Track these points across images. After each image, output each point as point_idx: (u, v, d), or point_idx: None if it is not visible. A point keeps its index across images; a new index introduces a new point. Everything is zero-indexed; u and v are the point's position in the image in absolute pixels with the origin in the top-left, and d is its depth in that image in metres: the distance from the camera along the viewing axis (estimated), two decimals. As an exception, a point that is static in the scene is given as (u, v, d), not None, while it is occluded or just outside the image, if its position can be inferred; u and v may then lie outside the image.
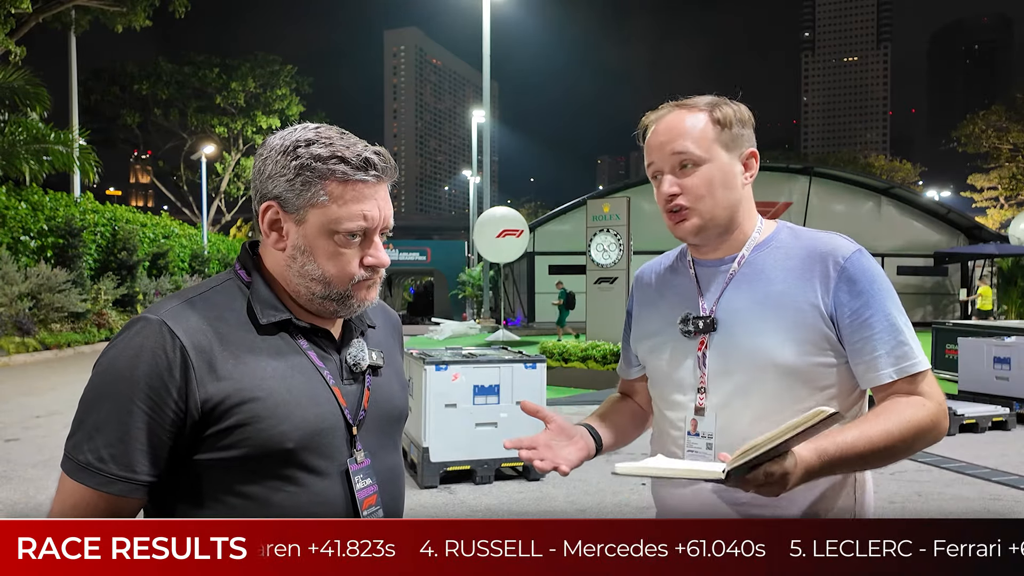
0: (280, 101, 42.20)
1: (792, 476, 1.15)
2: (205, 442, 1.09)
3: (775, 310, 1.34)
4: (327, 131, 1.17)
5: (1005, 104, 43.39)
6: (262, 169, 1.17)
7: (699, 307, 1.42)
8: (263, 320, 1.15)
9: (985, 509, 4.96)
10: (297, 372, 1.15)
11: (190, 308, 1.13)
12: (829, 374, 1.33)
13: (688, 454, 1.39)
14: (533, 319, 21.88)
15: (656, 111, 1.44)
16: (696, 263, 1.47)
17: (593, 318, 10.80)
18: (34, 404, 9.20)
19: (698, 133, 1.37)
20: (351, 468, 1.16)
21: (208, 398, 1.08)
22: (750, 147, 1.42)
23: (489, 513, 4.81)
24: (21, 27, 20.90)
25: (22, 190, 17.90)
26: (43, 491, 5.47)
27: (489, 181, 24.64)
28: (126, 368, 1.07)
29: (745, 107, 1.44)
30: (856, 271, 1.32)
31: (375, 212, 1.16)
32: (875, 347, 1.30)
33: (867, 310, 1.31)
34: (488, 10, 20.91)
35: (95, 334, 16.47)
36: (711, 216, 1.39)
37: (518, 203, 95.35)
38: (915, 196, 25.55)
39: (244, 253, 1.23)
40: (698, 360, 1.39)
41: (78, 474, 1.07)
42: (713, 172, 1.37)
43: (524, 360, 5.77)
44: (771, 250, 1.40)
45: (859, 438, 1.22)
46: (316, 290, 1.17)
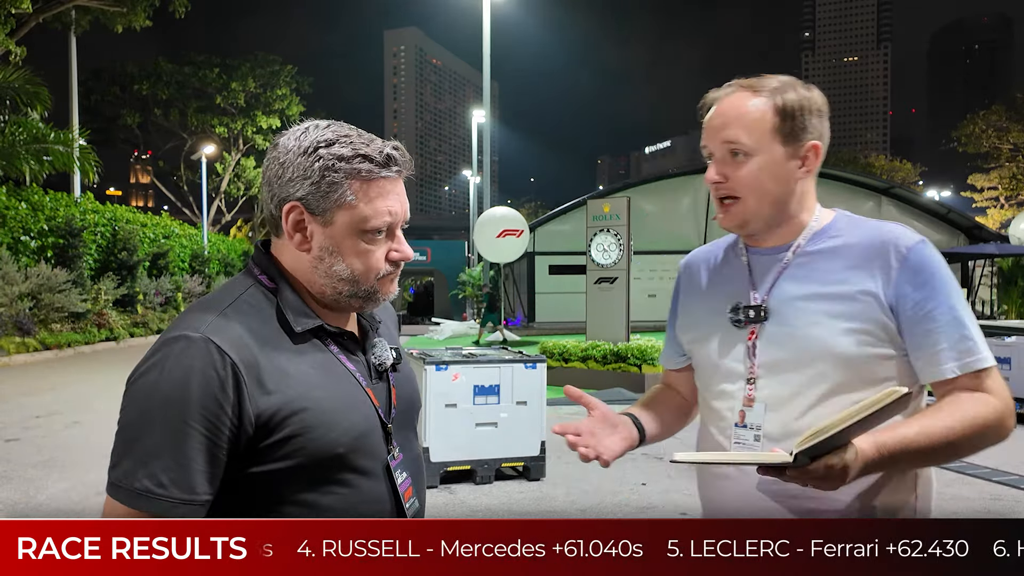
0: (280, 101, 42.18)
1: (852, 469, 1.11)
2: (259, 455, 1.08)
3: (831, 300, 1.29)
4: (343, 129, 1.17)
5: (1005, 104, 43.38)
6: (280, 172, 1.15)
7: (750, 296, 1.37)
8: (298, 328, 1.15)
9: (985, 509, 4.95)
10: (336, 378, 1.16)
11: (227, 321, 1.10)
12: (887, 367, 1.28)
13: (735, 446, 1.34)
14: (533, 319, 21.89)
15: (720, 89, 1.38)
16: (749, 251, 1.42)
17: (593, 318, 10.79)
18: (34, 404, 9.19)
19: (753, 121, 1.32)
20: (391, 464, 1.19)
21: (260, 412, 1.07)
22: (814, 138, 1.34)
23: (489, 513, 4.81)
24: (21, 27, 20.90)
25: (22, 190, 17.90)
26: (43, 491, 5.47)
27: (489, 181, 24.64)
28: (176, 390, 1.04)
29: (819, 93, 1.36)
30: (919, 261, 1.27)
31: (398, 207, 1.18)
32: (938, 340, 1.25)
33: (930, 302, 1.26)
34: (488, 10, 20.90)
35: (95, 334, 16.47)
36: (756, 210, 1.34)
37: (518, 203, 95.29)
38: (915, 196, 25.56)
39: (260, 255, 1.21)
40: (748, 350, 1.35)
41: (136, 502, 1.03)
42: (762, 165, 1.32)
43: (524, 360, 5.76)
44: (829, 239, 1.35)
45: (920, 433, 1.18)
46: (343, 289, 1.18)
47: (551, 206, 50.12)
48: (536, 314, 21.92)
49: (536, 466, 5.67)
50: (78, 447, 6.92)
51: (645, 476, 5.66)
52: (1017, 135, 41.55)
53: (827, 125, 1.37)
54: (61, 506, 5.13)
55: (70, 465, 6.23)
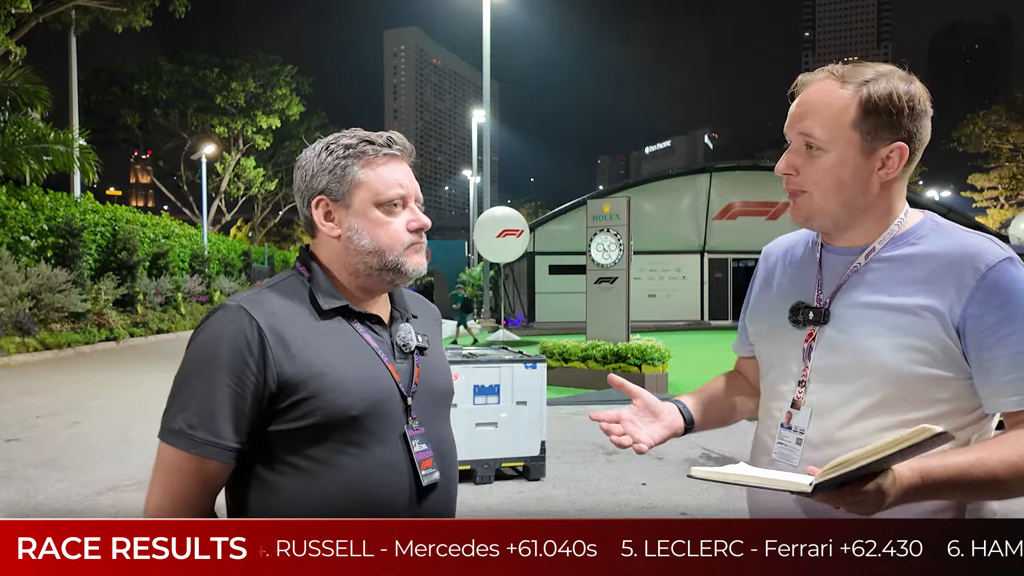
0: (280, 101, 42.19)
1: (889, 496, 1.04)
2: (280, 414, 1.22)
3: (893, 312, 1.22)
4: (351, 130, 1.37)
5: (1005, 104, 43.36)
6: (304, 175, 1.34)
7: (814, 297, 1.32)
8: (325, 306, 1.30)
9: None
10: (356, 351, 1.30)
11: (263, 297, 1.29)
12: (942, 389, 1.20)
13: (777, 446, 1.32)
14: (533, 319, 21.88)
15: (811, 74, 1.30)
16: (824, 248, 1.35)
17: (593, 318, 10.79)
18: (34, 404, 9.19)
19: (834, 115, 1.23)
20: (408, 433, 1.30)
21: (282, 373, 1.22)
22: (901, 139, 1.22)
23: (489, 513, 4.81)
24: (21, 27, 20.89)
25: (22, 190, 17.88)
26: (43, 491, 5.47)
27: (489, 181, 24.61)
28: (211, 348, 1.22)
29: (919, 87, 1.24)
30: (999, 281, 1.17)
31: (407, 181, 1.34)
32: (1007, 369, 1.16)
33: (1006, 327, 1.16)
34: (488, 10, 20.88)
35: (95, 334, 16.45)
36: (822, 208, 1.27)
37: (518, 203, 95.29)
38: (915, 196, 25.53)
39: (303, 253, 1.39)
40: (804, 352, 1.30)
41: (171, 439, 1.21)
42: (833, 164, 1.24)
43: (524, 360, 5.76)
44: (907, 246, 1.26)
45: (975, 464, 1.10)
46: (372, 262, 1.32)
47: (551, 206, 50.12)
48: (536, 314, 21.90)
49: (536, 466, 5.67)
50: (78, 447, 6.92)
51: (645, 476, 5.66)
52: (1017, 135, 41.54)
53: (925, 125, 1.25)
54: (61, 506, 5.13)
55: (70, 465, 6.23)
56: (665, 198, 21.51)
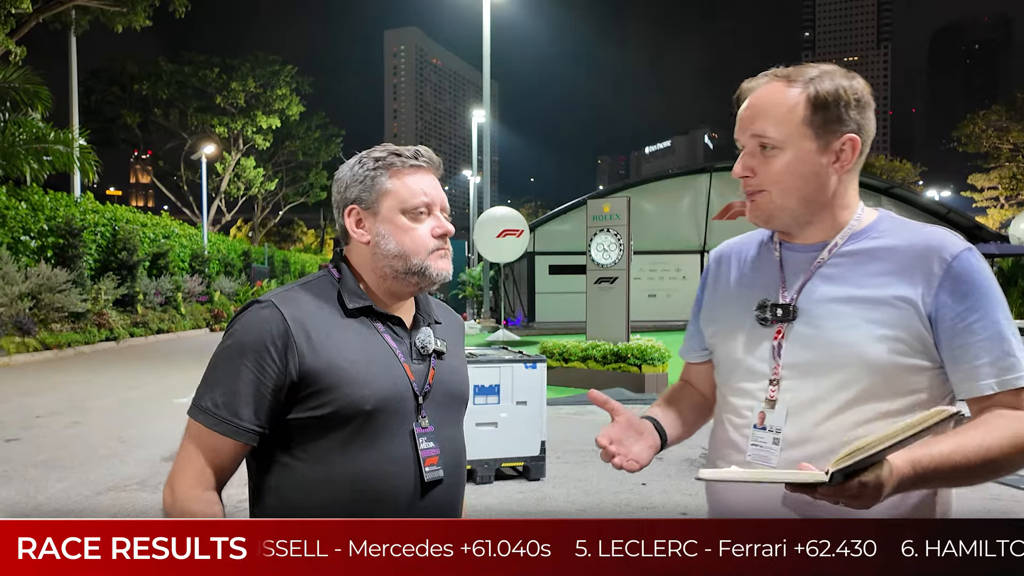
0: (280, 101, 42.20)
1: (886, 488, 1.05)
2: (299, 402, 1.31)
3: (866, 304, 1.23)
4: (383, 144, 1.46)
5: (1005, 104, 43.40)
6: (339, 188, 1.45)
7: (779, 294, 1.33)
8: (350, 305, 1.39)
9: (985, 509, 4.95)
10: (375, 349, 1.38)
11: (292, 294, 1.39)
12: (919, 379, 1.23)
13: (752, 447, 1.31)
14: (533, 319, 21.87)
15: (755, 79, 1.33)
16: (783, 247, 1.37)
17: (593, 318, 10.79)
18: (34, 404, 9.18)
19: (783, 114, 1.26)
20: (416, 430, 1.37)
21: (304, 364, 1.31)
22: (851, 131, 1.26)
23: (489, 513, 4.81)
24: (21, 27, 20.88)
25: (22, 190, 17.88)
26: (43, 491, 5.47)
27: (489, 181, 24.62)
28: (240, 338, 1.33)
29: (861, 83, 1.29)
30: (964, 271, 1.21)
31: (432, 190, 1.42)
32: (977, 355, 1.20)
33: (973, 314, 1.20)
34: (488, 10, 20.89)
35: (95, 334, 16.45)
36: (781, 206, 1.29)
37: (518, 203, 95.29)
38: (915, 196, 25.52)
39: (335, 256, 1.49)
40: (773, 350, 1.30)
41: (197, 414, 1.32)
42: (791, 160, 1.27)
43: (524, 360, 5.76)
44: (868, 240, 1.29)
45: (955, 451, 1.12)
46: (398, 266, 1.40)
47: (551, 206, 50.12)
48: (536, 314, 21.90)
49: (536, 466, 5.67)
50: (78, 447, 6.91)
51: (645, 476, 5.66)
52: (1017, 135, 41.55)
53: (870, 117, 1.29)
54: (61, 506, 5.13)
55: (70, 465, 6.23)
56: (665, 198, 21.52)
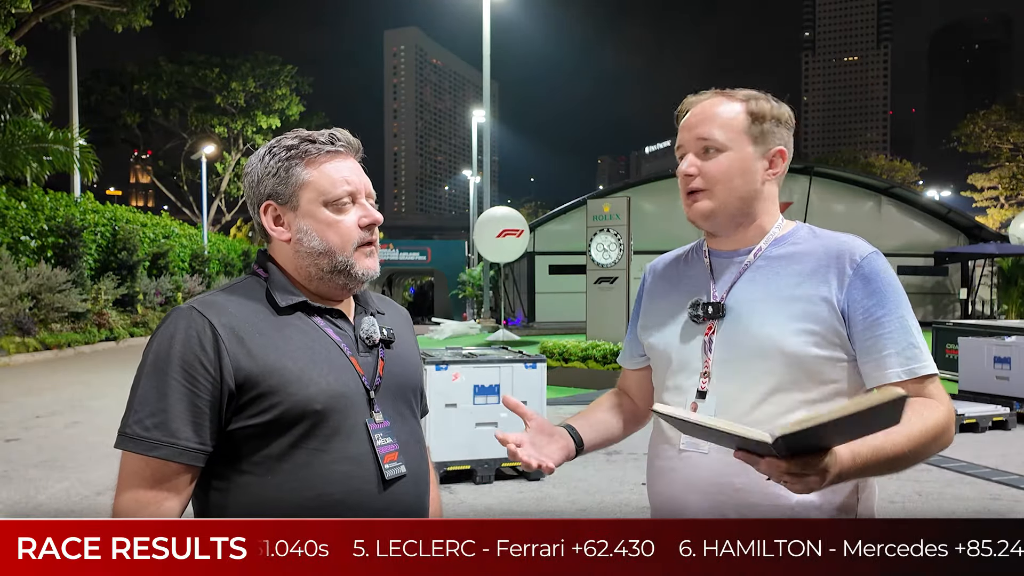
0: (280, 101, 42.18)
1: (829, 474, 1.10)
2: (242, 410, 1.21)
3: (787, 302, 1.35)
4: (293, 131, 1.35)
5: (1005, 104, 43.39)
6: (250, 182, 1.33)
7: (710, 294, 1.43)
8: (282, 303, 1.28)
9: (985, 509, 4.95)
10: (317, 344, 1.27)
11: (216, 298, 1.28)
12: (836, 370, 1.33)
13: (685, 438, 1.37)
14: (533, 319, 21.88)
15: (697, 95, 1.46)
16: (711, 253, 1.49)
17: (593, 318, 10.79)
18: (34, 404, 9.19)
19: (727, 121, 1.40)
20: (370, 427, 1.28)
21: (240, 368, 1.20)
22: (780, 145, 1.43)
23: (489, 513, 4.81)
24: (21, 27, 20.88)
25: (22, 190, 17.89)
26: (43, 491, 5.47)
27: (489, 181, 24.60)
28: (163, 350, 1.20)
29: (787, 108, 1.46)
30: (872, 270, 1.34)
31: (354, 177, 1.31)
32: (885, 345, 1.31)
33: (880, 309, 1.32)
34: (488, 10, 20.89)
35: (95, 334, 16.46)
36: (723, 202, 1.40)
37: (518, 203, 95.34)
38: (915, 196, 25.53)
39: (259, 255, 1.37)
40: (704, 345, 1.40)
41: (125, 444, 1.18)
42: (733, 160, 1.39)
43: (524, 360, 5.76)
44: (788, 245, 1.42)
45: (886, 441, 1.17)
46: (323, 264, 1.29)
47: (551, 206, 50.12)
48: (536, 314, 21.90)
49: (536, 466, 5.67)
50: (78, 447, 6.92)
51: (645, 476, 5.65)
52: (1017, 135, 41.54)
53: (791, 139, 1.46)
54: (61, 506, 5.13)
55: (70, 465, 6.23)
56: (665, 198, 21.50)
